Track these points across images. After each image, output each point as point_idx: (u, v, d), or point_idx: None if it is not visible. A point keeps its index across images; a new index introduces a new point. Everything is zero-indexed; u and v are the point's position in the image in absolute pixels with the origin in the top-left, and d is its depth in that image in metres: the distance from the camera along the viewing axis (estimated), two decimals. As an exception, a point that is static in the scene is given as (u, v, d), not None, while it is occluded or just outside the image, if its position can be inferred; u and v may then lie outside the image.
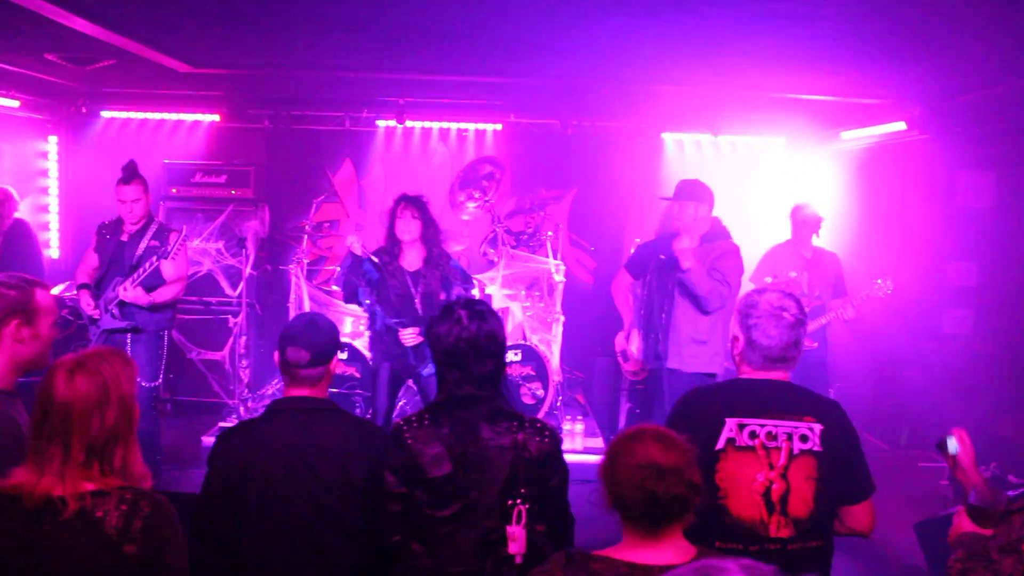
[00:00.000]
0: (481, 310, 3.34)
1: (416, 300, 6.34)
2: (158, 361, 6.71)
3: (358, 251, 6.31)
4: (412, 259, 6.44)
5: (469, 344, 3.25)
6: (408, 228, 6.34)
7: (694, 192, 6.20)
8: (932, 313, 7.91)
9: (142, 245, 6.50)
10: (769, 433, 3.22)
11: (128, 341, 6.53)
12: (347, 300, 6.63)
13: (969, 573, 2.81)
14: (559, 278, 8.57)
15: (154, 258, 6.37)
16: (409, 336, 6.27)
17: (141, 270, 6.35)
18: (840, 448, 3.21)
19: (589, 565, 2.43)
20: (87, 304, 6.52)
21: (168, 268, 6.51)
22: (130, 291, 6.34)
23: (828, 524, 3.24)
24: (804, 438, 3.19)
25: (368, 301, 6.39)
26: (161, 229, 6.64)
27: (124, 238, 6.60)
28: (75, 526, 2.47)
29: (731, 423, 3.26)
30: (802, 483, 3.17)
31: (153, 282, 6.45)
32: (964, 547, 2.88)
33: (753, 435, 3.23)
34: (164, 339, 6.78)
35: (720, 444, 3.24)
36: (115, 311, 6.45)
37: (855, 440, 3.28)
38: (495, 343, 3.32)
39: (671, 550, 2.46)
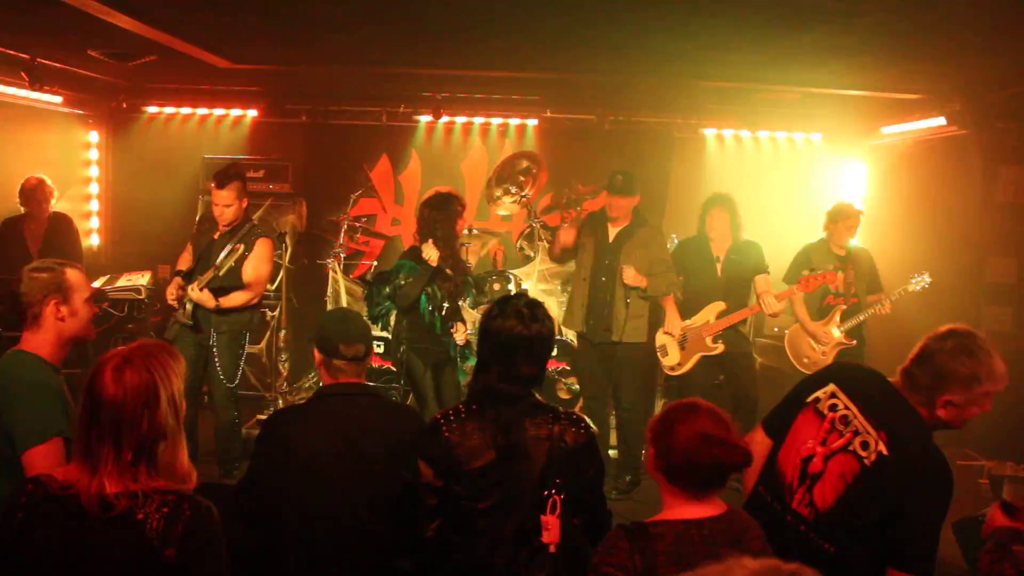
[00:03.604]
0: (540, 314, 3.36)
1: (446, 303, 6.47)
2: (237, 360, 6.69)
3: (435, 262, 6.30)
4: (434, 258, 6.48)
5: (523, 343, 3.27)
6: (432, 254, 6.33)
7: (635, 184, 6.83)
8: (971, 310, 7.84)
9: (228, 247, 6.48)
10: (844, 417, 3.19)
11: (213, 338, 6.55)
12: (408, 309, 6.47)
13: (995, 564, 2.91)
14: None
15: (221, 262, 6.39)
16: (461, 335, 6.51)
17: (208, 277, 6.34)
18: (892, 487, 3.02)
19: (648, 531, 2.67)
20: (170, 294, 6.53)
21: (247, 272, 6.52)
22: (195, 292, 6.33)
23: (847, 540, 3.10)
24: (865, 444, 3.10)
25: (430, 308, 6.41)
26: (250, 232, 6.61)
27: (216, 236, 6.62)
28: (117, 528, 2.43)
29: (831, 388, 3.29)
30: (835, 476, 3.14)
31: (232, 284, 6.46)
32: (994, 540, 2.97)
33: (833, 407, 3.24)
34: (244, 339, 6.77)
35: (809, 398, 3.32)
36: (187, 307, 6.44)
37: (923, 502, 3.00)
38: (546, 348, 3.37)
39: (711, 506, 2.76)
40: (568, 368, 8.20)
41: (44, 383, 3.34)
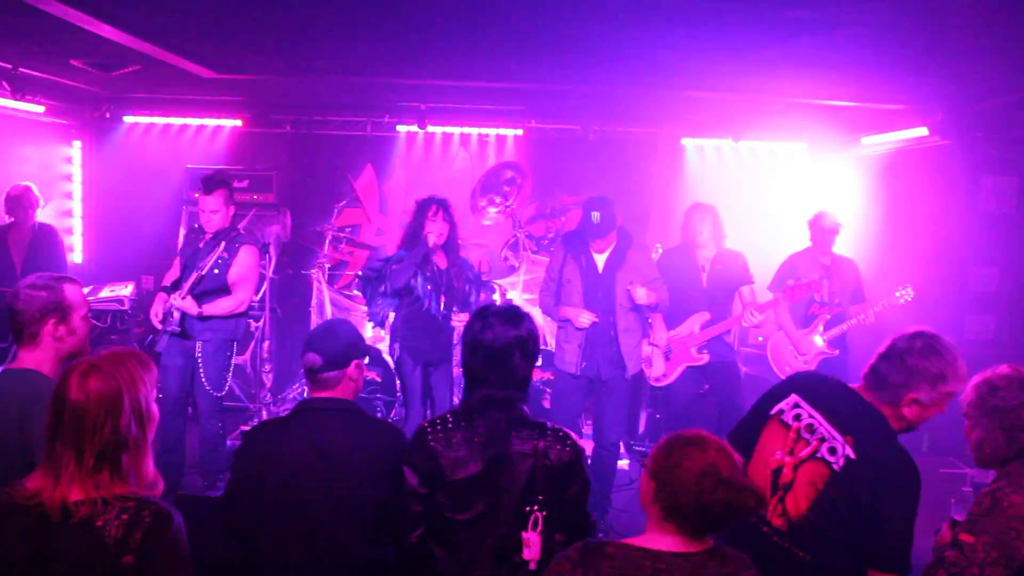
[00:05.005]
0: (521, 313, 3.38)
1: (442, 298, 6.50)
2: (224, 371, 6.64)
3: (432, 241, 6.40)
4: (438, 257, 6.57)
5: (518, 343, 3.27)
6: (439, 231, 6.44)
7: (613, 217, 6.33)
8: (954, 319, 7.87)
9: (213, 255, 6.42)
10: (809, 425, 3.25)
11: (199, 348, 6.51)
12: (398, 292, 6.49)
13: (930, 571, 3.07)
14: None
15: (203, 263, 6.36)
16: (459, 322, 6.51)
17: (192, 280, 6.31)
18: (863, 489, 3.09)
19: (604, 550, 2.55)
20: (154, 312, 6.50)
21: (232, 278, 6.50)
22: (177, 300, 6.28)
23: (822, 548, 3.14)
24: (832, 450, 3.17)
25: (427, 287, 6.46)
26: (235, 239, 6.58)
27: (201, 245, 6.59)
28: (77, 535, 2.44)
29: (793, 399, 3.35)
30: (805, 485, 3.19)
31: (217, 288, 6.43)
32: (937, 555, 3.11)
33: (797, 417, 3.29)
34: (232, 347, 6.72)
35: (773, 410, 3.37)
36: (174, 314, 6.38)
37: (894, 499, 3.08)
38: (538, 344, 3.37)
39: (690, 543, 2.54)
40: (553, 378, 8.18)
41: None
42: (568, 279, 6.47)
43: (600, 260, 6.45)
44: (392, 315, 6.69)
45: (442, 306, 6.50)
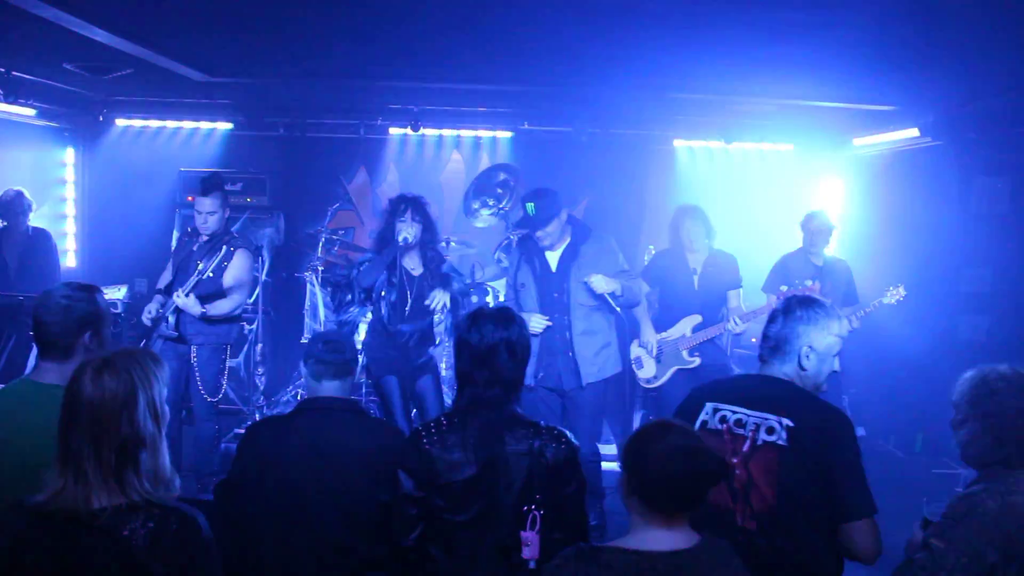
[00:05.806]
0: (512, 315, 3.41)
1: (409, 303, 6.18)
2: (219, 375, 6.70)
3: (401, 240, 6.03)
4: (413, 262, 6.27)
5: (505, 346, 3.29)
6: (410, 231, 6.08)
7: (551, 207, 5.90)
8: (947, 320, 7.89)
9: (213, 260, 6.42)
10: (739, 420, 3.31)
11: (193, 352, 6.52)
12: (364, 291, 6.18)
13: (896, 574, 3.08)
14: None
15: (204, 266, 6.37)
16: (437, 301, 6.08)
17: (194, 279, 6.32)
18: (813, 450, 3.16)
19: (599, 556, 2.55)
20: (148, 307, 6.50)
21: (227, 280, 6.52)
22: (181, 298, 6.26)
23: (801, 528, 3.18)
24: (771, 431, 3.22)
25: (384, 292, 6.12)
26: (229, 244, 6.59)
27: (195, 248, 6.61)
28: (103, 545, 2.37)
29: (709, 407, 3.42)
30: (761, 475, 3.21)
31: (212, 293, 6.43)
32: (908, 555, 3.11)
33: (723, 420, 3.35)
34: (225, 351, 6.76)
35: (696, 426, 3.39)
36: (169, 319, 6.39)
37: (841, 449, 3.18)
38: (526, 349, 3.39)
39: (678, 537, 2.58)
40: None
41: None
42: (522, 283, 6.14)
43: (553, 259, 6.08)
44: (364, 326, 6.60)
45: (407, 312, 6.15)
